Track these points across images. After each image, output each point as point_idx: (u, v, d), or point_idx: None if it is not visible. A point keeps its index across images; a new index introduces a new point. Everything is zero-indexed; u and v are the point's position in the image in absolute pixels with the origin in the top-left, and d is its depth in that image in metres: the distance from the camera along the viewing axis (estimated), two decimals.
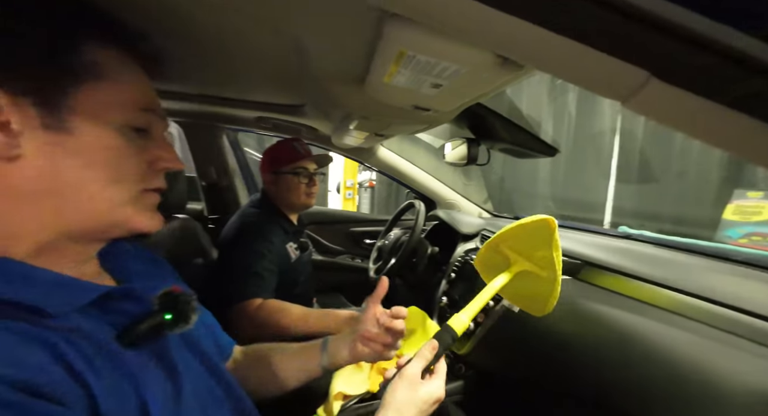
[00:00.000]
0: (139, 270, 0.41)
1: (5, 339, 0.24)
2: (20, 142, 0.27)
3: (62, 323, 0.27)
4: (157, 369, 0.32)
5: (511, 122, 0.73)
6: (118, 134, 0.31)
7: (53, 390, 0.23)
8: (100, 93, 0.30)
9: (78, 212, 0.30)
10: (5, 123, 0.26)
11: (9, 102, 0.26)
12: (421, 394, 0.40)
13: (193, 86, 0.99)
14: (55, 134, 0.28)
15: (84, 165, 0.30)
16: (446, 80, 0.40)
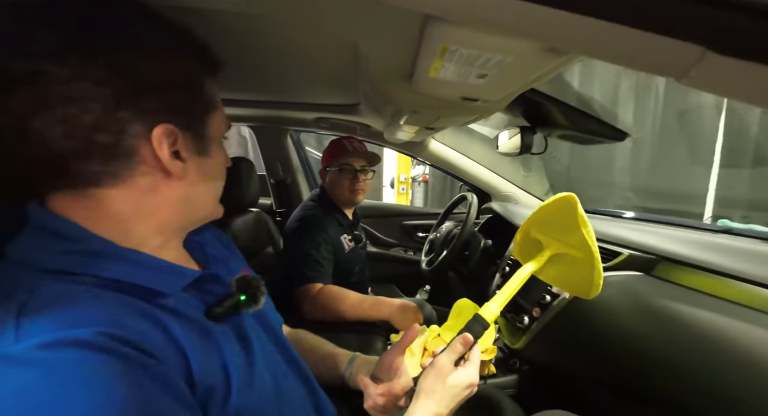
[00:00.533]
0: (216, 255, 0.47)
1: (123, 310, 0.29)
2: (187, 166, 0.34)
3: (169, 302, 0.33)
4: (235, 341, 0.38)
5: (570, 107, 0.68)
6: (221, 148, 0.40)
7: (155, 351, 0.28)
8: (215, 120, 0.37)
9: (200, 209, 0.39)
10: (178, 152, 0.33)
11: (180, 137, 0.33)
12: (451, 380, 0.43)
13: (262, 94, 1.11)
14: (203, 157, 0.36)
15: (213, 177, 0.39)
16: (492, 70, 0.41)
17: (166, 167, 0.32)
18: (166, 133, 0.32)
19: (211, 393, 0.32)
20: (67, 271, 0.30)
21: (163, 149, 0.32)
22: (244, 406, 0.34)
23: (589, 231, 0.49)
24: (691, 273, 0.60)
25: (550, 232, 0.54)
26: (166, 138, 0.32)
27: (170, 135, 0.32)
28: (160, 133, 0.31)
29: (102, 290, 0.30)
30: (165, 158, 0.32)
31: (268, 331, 0.46)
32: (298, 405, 0.44)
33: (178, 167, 0.33)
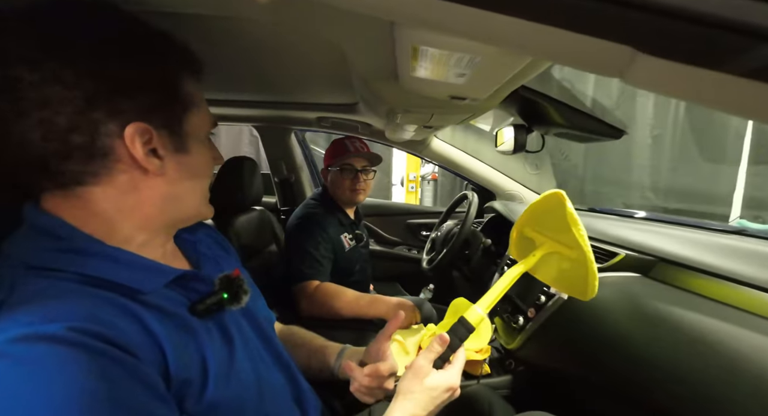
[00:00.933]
0: (207, 254, 0.48)
1: (100, 306, 0.30)
2: (164, 163, 0.35)
3: (149, 298, 0.34)
4: (217, 336, 0.39)
5: (564, 104, 0.66)
6: (204, 146, 0.40)
7: (130, 345, 0.29)
8: (195, 118, 0.38)
9: (184, 207, 0.39)
10: (155, 150, 0.34)
11: (156, 135, 0.34)
12: (429, 382, 0.43)
13: (265, 95, 1.13)
14: (182, 154, 0.37)
15: (194, 174, 0.39)
16: (467, 69, 0.41)
17: (142, 164, 0.33)
18: (139, 131, 0.32)
19: (188, 386, 0.33)
20: (52, 268, 0.31)
21: (137, 147, 0.32)
22: (220, 398, 0.35)
23: (579, 229, 0.47)
24: (689, 276, 0.58)
25: (543, 230, 0.53)
26: (140, 136, 0.33)
27: (144, 133, 0.33)
28: (132, 132, 0.32)
29: (82, 286, 0.31)
30: (139, 156, 0.33)
31: (254, 327, 0.47)
32: (280, 396, 0.45)
33: (155, 165, 0.34)
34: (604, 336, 0.62)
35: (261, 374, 0.43)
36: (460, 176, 1.55)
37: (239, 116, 1.37)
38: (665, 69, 0.18)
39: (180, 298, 0.38)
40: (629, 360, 0.56)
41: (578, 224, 0.47)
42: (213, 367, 0.36)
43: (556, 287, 0.58)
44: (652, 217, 1.02)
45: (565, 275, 0.53)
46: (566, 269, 0.52)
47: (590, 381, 0.66)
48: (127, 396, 0.27)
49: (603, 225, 0.82)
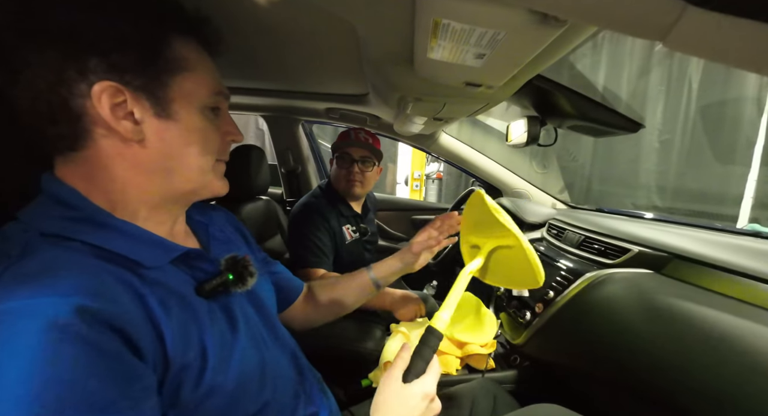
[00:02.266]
0: (218, 236, 0.48)
1: (107, 282, 0.29)
2: (142, 128, 0.33)
3: (154, 275, 0.34)
4: (221, 319, 0.38)
5: (582, 96, 0.65)
6: (201, 117, 0.37)
7: (130, 327, 0.28)
8: (187, 82, 0.35)
9: (180, 180, 0.37)
10: (130, 113, 0.32)
11: (131, 97, 0.32)
12: (405, 393, 0.41)
13: (273, 83, 1.13)
14: (165, 120, 0.34)
15: (185, 143, 0.36)
16: (488, 48, 0.40)
17: (113, 127, 0.32)
18: (109, 91, 0.31)
19: (186, 371, 0.32)
20: (62, 236, 0.31)
21: (104, 106, 0.31)
22: (218, 383, 0.34)
23: (502, 217, 0.48)
24: (706, 273, 0.56)
25: (481, 232, 0.54)
26: (109, 97, 0.31)
27: (116, 94, 0.31)
28: (99, 90, 0.30)
29: (90, 257, 0.30)
30: (107, 116, 0.31)
31: (259, 311, 0.47)
32: (282, 381, 0.45)
33: (128, 128, 0.32)
34: (614, 332, 0.61)
35: (264, 359, 0.42)
36: (467, 173, 1.53)
37: (247, 105, 1.36)
38: (719, 26, 0.17)
39: (186, 278, 0.38)
40: (641, 356, 0.55)
41: (500, 211, 0.48)
42: (213, 351, 0.35)
43: (510, 286, 0.57)
44: (661, 218, 1.01)
45: (512, 271, 0.53)
46: (511, 261, 0.52)
47: (599, 376, 0.64)
48: (94, 391, 0.25)
49: (613, 223, 0.81)
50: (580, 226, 0.84)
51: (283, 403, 0.43)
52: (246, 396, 0.37)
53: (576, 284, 0.70)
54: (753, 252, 0.58)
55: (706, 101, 2.09)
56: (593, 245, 0.76)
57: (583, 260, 0.76)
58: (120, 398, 0.26)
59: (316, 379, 0.53)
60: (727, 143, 1.99)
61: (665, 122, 2.22)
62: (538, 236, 1.02)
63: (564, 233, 0.89)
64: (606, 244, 0.73)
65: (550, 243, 0.93)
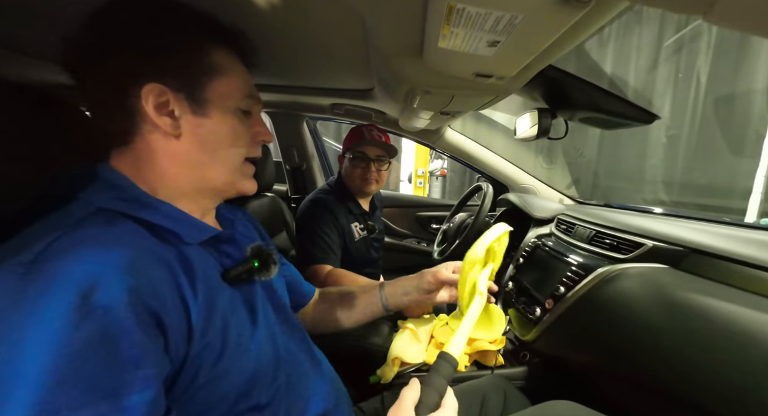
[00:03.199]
0: (241, 230, 0.51)
1: (145, 255, 0.32)
2: (180, 124, 0.37)
3: (189, 252, 0.36)
4: (241, 306, 0.40)
5: (595, 86, 0.64)
6: (233, 116, 0.41)
7: (160, 302, 0.30)
8: (221, 86, 0.39)
9: (209, 173, 0.40)
10: (171, 111, 0.37)
11: (172, 96, 0.36)
12: None
13: (278, 78, 1.12)
14: (200, 118, 0.38)
15: (217, 141, 0.40)
16: (503, 35, 0.38)
17: (156, 122, 0.36)
18: (155, 92, 0.35)
19: (209, 349, 0.34)
20: (117, 211, 0.34)
21: (149, 105, 0.35)
22: (233, 368, 0.36)
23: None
24: (724, 268, 0.55)
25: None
26: (155, 97, 0.35)
27: (160, 94, 0.36)
28: (147, 91, 0.35)
29: (134, 233, 0.34)
30: (151, 113, 0.36)
31: (274, 301, 0.49)
32: (297, 367, 0.46)
33: (167, 123, 0.37)
34: (629, 327, 0.60)
35: (280, 351, 0.43)
36: (472, 169, 1.52)
37: None
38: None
39: (213, 262, 0.40)
40: (658, 352, 0.54)
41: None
42: (233, 336, 0.36)
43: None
44: (671, 213, 0.99)
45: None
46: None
47: (613, 372, 0.63)
48: (96, 372, 0.26)
49: (623, 217, 0.80)
50: (591, 221, 0.83)
51: (296, 396, 0.43)
52: (259, 385, 0.38)
53: (588, 279, 0.69)
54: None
55: (714, 95, 2.05)
56: (604, 240, 0.75)
57: (594, 256, 0.75)
58: (122, 385, 0.27)
59: (335, 376, 0.54)
60: (735, 136, 1.96)
61: (673, 117, 2.19)
62: (546, 232, 1.00)
63: (574, 228, 0.87)
64: (618, 239, 0.71)
65: (558, 238, 0.92)
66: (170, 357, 0.31)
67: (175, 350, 0.31)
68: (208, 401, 0.34)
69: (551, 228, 1.00)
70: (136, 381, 0.27)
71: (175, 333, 0.31)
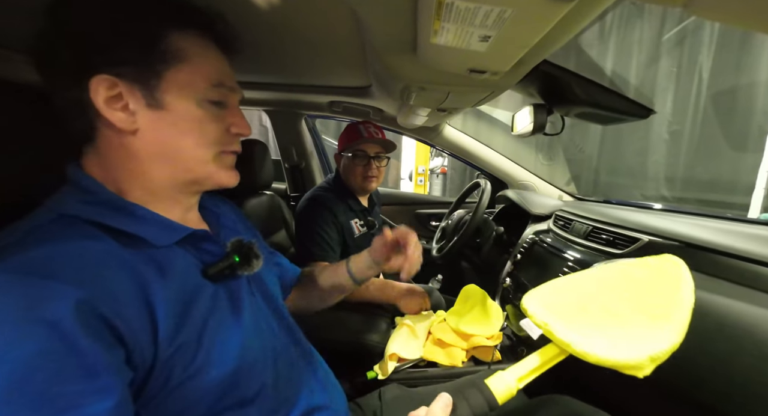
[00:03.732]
0: (228, 225, 0.50)
1: (105, 263, 0.30)
2: (136, 118, 0.35)
3: (161, 255, 0.35)
4: (225, 302, 0.39)
5: (591, 81, 0.63)
6: (198, 107, 0.37)
7: (117, 312, 0.29)
8: (181, 74, 0.36)
9: (178, 169, 0.38)
10: (125, 105, 0.34)
11: (125, 89, 0.34)
12: None
13: (275, 76, 1.12)
14: (158, 111, 0.35)
15: (179, 134, 0.37)
16: (494, 29, 0.38)
17: (107, 117, 0.34)
18: (104, 84, 0.33)
19: (182, 351, 0.33)
20: (79, 217, 0.33)
21: (99, 99, 0.33)
22: (213, 364, 0.35)
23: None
24: (719, 262, 0.55)
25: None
26: (104, 89, 0.33)
27: (111, 86, 0.33)
28: (96, 84, 0.33)
29: (95, 239, 0.32)
30: (101, 106, 0.33)
31: (267, 298, 0.48)
32: (288, 361, 0.45)
33: (121, 118, 0.34)
34: None
35: (268, 345, 0.43)
36: (471, 166, 1.52)
37: (249, 100, 1.36)
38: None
39: (193, 260, 0.39)
40: None
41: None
42: (212, 334, 0.35)
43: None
44: (671, 208, 0.99)
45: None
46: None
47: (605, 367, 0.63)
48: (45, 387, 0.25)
49: (621, 213, 0.79)
50: (588, 216, 0.83)
51: (286, 390, 0.43)
52: (244, 379, 0.38)
53: None
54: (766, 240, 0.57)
55: (717, 90, 2.03)
56: (601, 236, 0.75)
57: (590, 251, 0.75)
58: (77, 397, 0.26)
59: (327, 370, 0.53)
60: (738, 132, 1.95)
61: (675, 113, 2.17)
62: (544, 228, 1.00)
63: (571, 224, 0.87)
64: (615, 234, 0.71)
65: (556, 234, 0.92)
66: (134, 364, 0.30)
67: (141, 355, 0.30)
68: (189, 398, 0.33)
69: (549, 224, 1.00)
70: (91, 393, 0.26)
71: (139, 339, 0.30)
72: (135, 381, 0.30)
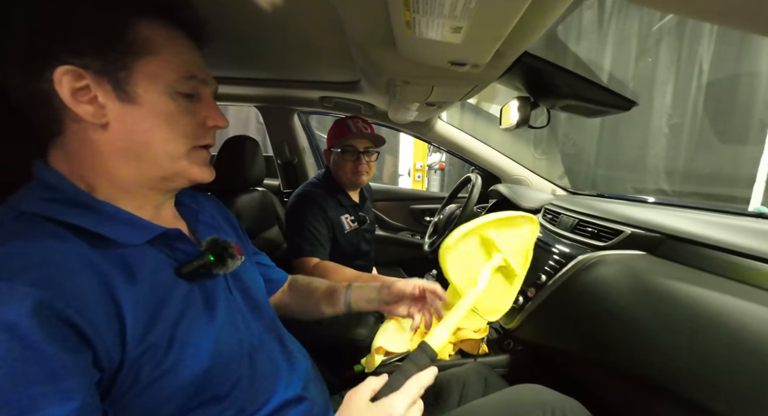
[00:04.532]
0: (207, 222, 0.49)
1: (66, 263, 0.29)
2: (106, 112, 0.33)
3: (129, 255, 0.34)
4: (198, 302, 0.38)
5: (573, 74, 0.63)
6: (169, 100, 0.36)
7: (80, 312, 0.28)
8: (150, 66, 0.35)
9: (148, 165, 0.37)
10: (94, 98, 0.33)
11: (93, 80, 0.32)
12: (367, 412, 0.36)
13: (266, 72, 1.12)
14: (127, 104, 0.34)
15: (149, 128, 0.35)
16: (463, 20, 0.38)
17: (73, 110, 0.32)
18: (71, 75, 0.32)
19: (152, 351, 0.32)
20: (42, 215, 0.32)
21: (64, 90, 0.32)
22: (182, 363, 0.34)
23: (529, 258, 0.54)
24: (697, 252, 0.55)
25: (505, 245, 0.53)
26: (70, 80, 0.32)
27: (77, 78, 0.32)
28: (59, 75, 0.31)
29: (56, 239, 0.31)
30: (67, 100, 0.32)
31: (246, 295, 0.48)
32: (267, 357, 0.45)
33: (88, 111, 0.33)
34: (604, 314, 0.60)
35: (244, 342, 0.42)
36: (464, 161, 1.51)
37: (240, 96, 1.36)
38: None
39: (166, 259, 0.38)
40: (629, 336, 0.54)
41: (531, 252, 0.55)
42: (184, 332, 0.35)
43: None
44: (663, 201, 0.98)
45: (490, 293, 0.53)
46: (495, 287, 0.54)
47: (589, 358, 0.64)
48: (3, 392, 0.24)
49: (607, 206, 0.79)
50: (574, 209, 0.83)
51: (261, 385, 0.43)
52: (217, 377, 0.37)
53: (568, 267, 0.69)
54: (747, 231, 0.57)
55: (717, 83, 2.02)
56: (587, 229, 0.75)
57: (576, 244, 0.75)
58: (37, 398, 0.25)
59: (307, 364, 0.54)
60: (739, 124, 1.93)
61: (675, 106, 2.15)
62: None
63: (559, 217, 0.88)
64: (599, 227, 0.71)
65: (545, 228, 0.92)
66: (101, 365, 0.29)
67: (107, 356, 0.29)
68: (161, 396, 0.33)
69: (539, 218, 1.00)
70: (53, 395, 0.26)
71: (105, 340, 0.29)
72: (102, 381, 0.30)
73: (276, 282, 0.65)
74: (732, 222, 0.62)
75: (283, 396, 0.44)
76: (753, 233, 0.54)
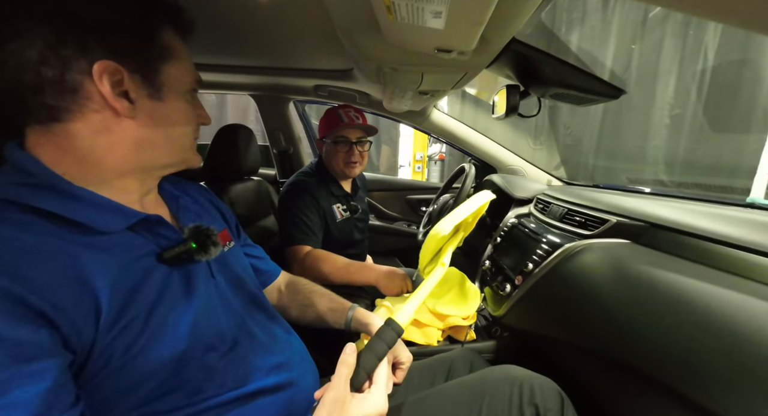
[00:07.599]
0: (190, 208, 0.50)
1: (37, 249, 0.30)
2: (136, 106, 0.37)
3: (107, 240, 0.35)
4: (177, 284, 0.39)
5: (562, 61, 0.62)
6: (184, 100, 0.42)
7: (50, 298, 0.28)
8: (173, 69, 0.39)
9: (163, 154, 0.41)
10: (125, 91, 0.36)
11: (128, 77, 0.35)
12: (354, 411, 0.38)
13: (259, 59, 1.11)
14: (156, 101, 0.38)
15: (171, 123, 0.40)
16: (441, 4, 0.38)
17: (111, 103, 0.35)
18: (109, 70, 0.34)
19: (126, 332, 0.33)
20: (15, 201, 0.32)
21: (105, 84, 0.34)
22: (156, 345, 0.35)
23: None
24: (679, 241, 0.55)
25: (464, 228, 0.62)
26: (109, 75, 0.34)
27: (114, 73, 0.34)
28: (101, 69, 0.33)
29: (27, 226, 0.31)
30: (107, 93, 0.34)
31: (231, 279, 0.49)
32: (248, 336, 0.47)
33: (124, 106, 0.36)
34: (587, 301, 0.61)
35: (222, 322, 0.43)
36: (461, 151, 1.51)
37: (234, 84, 1.35)
38: None
39: (147, 244, 0.39)
40: (609, 324, 0.56)
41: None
42: (160, 315, 0.36)
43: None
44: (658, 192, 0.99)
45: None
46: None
47: (571, 343, 0.65)
48: None
49: (596, 195, 0.80)
50: (563, 199, 0.83)
51: (240, 366, 0.44)
52: (196, 358, 0.38)
53: (554, 255, 0.70)
54: (730, 219, 0.57)
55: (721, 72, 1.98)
56: (575, 218, 0.75)
57: (564, 233, 0.76)
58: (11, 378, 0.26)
59: (299, 346, 0.55)
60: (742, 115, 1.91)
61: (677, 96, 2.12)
62: (525, 212, 1.01)
63: (549, 207, 0.88)
64: (586, 216, 0.72)
65: (536, 218, 0.93)
66: (72, 347, 0.30)
67: (78, 339, 0.30)
68: (136, 376, 0.34)
69: (530, 208, 1.00)
70: (22, 377, 0.26)
71: (76, 324, 0.30)
72: (75, 363, 0.30)
73: (267, 273, 0.66)
74: (718, 211, 0.62)
75: (266, 379, 0.45)
76: (735, 221, 0.55)
